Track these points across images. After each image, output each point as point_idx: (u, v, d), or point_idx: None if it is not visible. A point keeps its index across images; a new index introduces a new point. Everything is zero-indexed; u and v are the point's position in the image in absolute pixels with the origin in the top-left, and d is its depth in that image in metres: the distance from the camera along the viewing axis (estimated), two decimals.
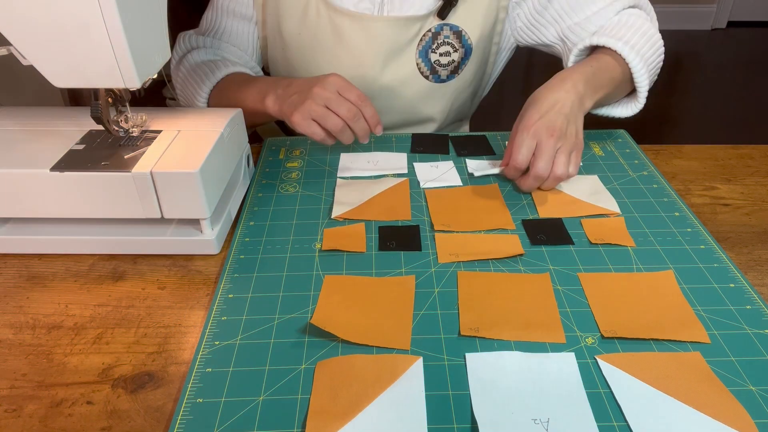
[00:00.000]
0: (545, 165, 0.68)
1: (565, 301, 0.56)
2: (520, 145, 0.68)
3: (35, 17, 0.53)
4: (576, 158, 0.70)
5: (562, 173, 0.69)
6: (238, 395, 0.48)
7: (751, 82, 3.01)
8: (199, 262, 0.64)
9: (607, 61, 0.77)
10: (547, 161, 0.68)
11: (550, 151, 0.68)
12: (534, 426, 0.44)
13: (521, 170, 0.70)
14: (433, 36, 0.86)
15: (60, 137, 0.66)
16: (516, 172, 0.71)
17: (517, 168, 0.69)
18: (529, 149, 0.68)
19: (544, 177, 0.69)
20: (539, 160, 0.68)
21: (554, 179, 0.70)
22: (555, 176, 0.69)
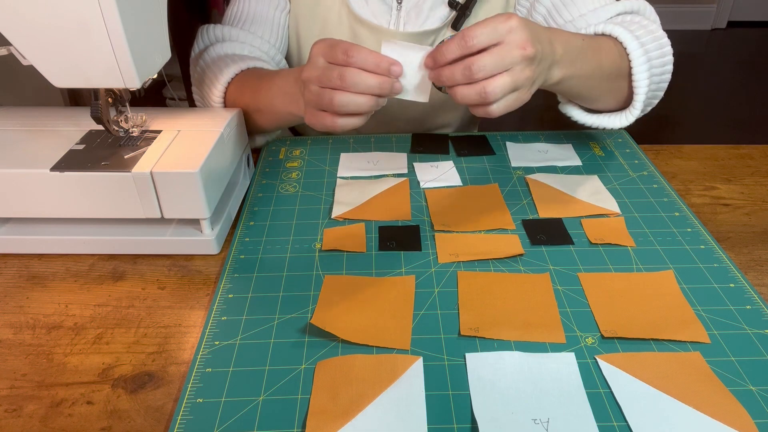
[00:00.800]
0: (492, 63, 0.54)
1: (565, 301, 0.56)
2: (483, 26, 0.55)
3: (35, 17, 0.53)
4: (513, 99, 0.57)
5: (493, 91, 0.55)
6: (238, 395, 0.48)
7: (751, 82, 3.01)
8: (199, 262, 0.64)
9: (606, 44, 0.69)
10: (495, 63, 0.54)
11: (506, 59, 0.55)
12: (534, 426, 0.44)
13: (452, 54, 0.56)
14: None
15: (60, 137, 0.66)
16: (448, 53, 0.56)
17: (452, 49, 0.55)
18: (488, 37, 0.55)
19: (474, 76, 0.55)
20: (488, 55, 0.55)
21: (480, 91, 0.55)
22: (484, 88, 0.55)
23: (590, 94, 0.72)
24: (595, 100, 0.74)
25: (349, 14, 0.84)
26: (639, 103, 0.72)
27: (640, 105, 0.72)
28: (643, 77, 0.71)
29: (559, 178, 0.75)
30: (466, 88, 0.56)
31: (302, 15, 0.87)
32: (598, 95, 0.72)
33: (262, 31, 0.86)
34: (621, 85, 0.72)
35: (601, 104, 0.75)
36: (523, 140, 0.84)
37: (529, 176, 0.76)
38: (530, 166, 0.78)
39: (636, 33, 0.70)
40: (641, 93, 0.71)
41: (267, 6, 0.87)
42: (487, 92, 0.55)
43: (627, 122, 0.75)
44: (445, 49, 0.56)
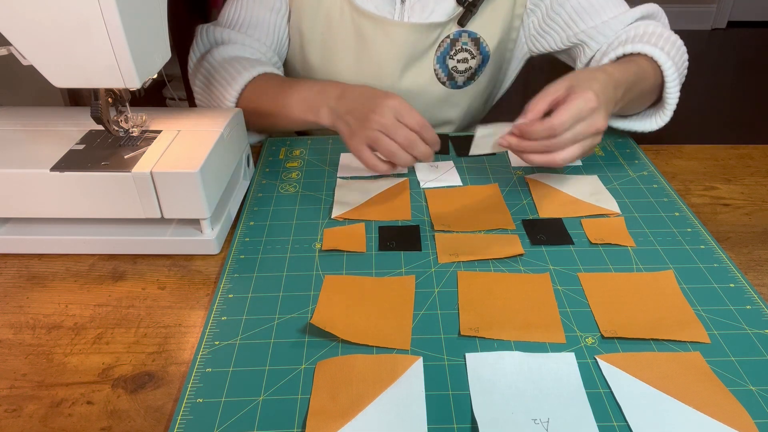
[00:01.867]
0: (568, 142, 0.63)
1: (565, 301, 0.56)
2: (569, 112, 0.62)
3: (35, 17, 0.52)
4: (576, 158, 0.65)
5: (562, 161, 0.64)
6: (238, 395, 0.48)
7: (751, 82, 3.01)
8: (199, 262, 0.64)
9: (645, 69, 0.74)
10: (571, 140, 0.63)
11: (580, 135, 0.63)
12: (534, 426, 0.44)
13: (547, 134, 0.63)
14: (452, 42, 0.87)
15: (60, 137, 0.66)
16: (542, 132, 0.63)
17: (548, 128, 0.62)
18: (573, 122, 0.62)
19: (550, 150, 0.63)
20: (568, 133, 0.62)
21: (550, 160, 0.64)
22: (554, 159, 0.64)
23: (631, 110, 0.78)
24: (629, 110, 0.79)
25: (351, 8, 0.84)
26: (670, 110, 0.78)
27: (671, 112, 0.78)
28: (674, 90, 0.76)
29: (559, 178, 0.75)
30: (538, 156, 0.64)
31: (305, 14, 0.87)
32: (635, 108, 0.79)
33: (259, 34, 0.87)
34: (654, 95, 0.78)
35: (633, 111, 0.80)
36: None
37: (529, 176, 0.76)
38: (530, 166, 0.78)
39: (665, 49, 0.75)
40: (672, 103, 0.77)
41: (264, 9, 0.87)
42: (556, 161, 0.64)
43: (663, 123, 0.79)
44: (533, 131, 0.63)
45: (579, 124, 0.62)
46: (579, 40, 0.85)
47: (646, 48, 0.75)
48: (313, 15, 0.86)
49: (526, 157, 0.65)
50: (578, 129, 0.62)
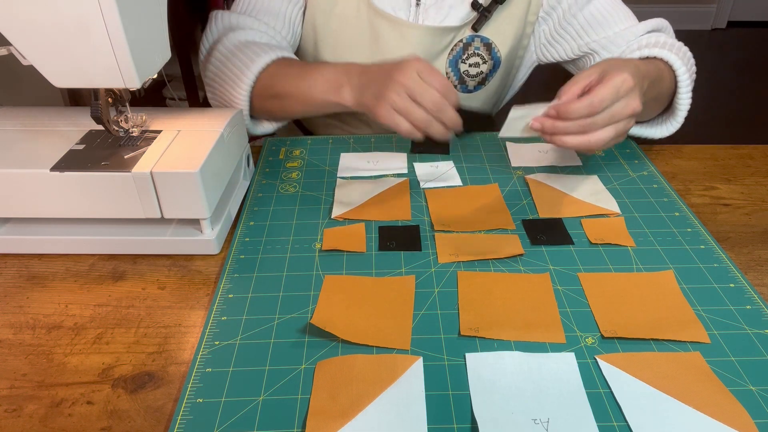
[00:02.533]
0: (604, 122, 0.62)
1: (565, 301, 0.56)
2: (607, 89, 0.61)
3: (35, 17, 0.52)
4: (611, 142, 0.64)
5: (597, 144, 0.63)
6: (238, 395, 0.48)
7: (751, 82, 3.01)
8: (199, 262, 0.64)
9: (662, 70, 0.75)
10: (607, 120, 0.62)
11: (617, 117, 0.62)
12: (534, 426, 0.44)
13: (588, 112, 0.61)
14: (464, 47, 0.87)
15: (60, 137, 0.66)
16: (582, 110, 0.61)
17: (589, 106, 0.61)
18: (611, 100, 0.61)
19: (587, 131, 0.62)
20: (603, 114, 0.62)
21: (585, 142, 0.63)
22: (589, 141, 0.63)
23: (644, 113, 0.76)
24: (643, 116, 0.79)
25: (368, 8, 0.84)
26: (682, 117, 0.79)
27: (682, 119, 0.79)
28: (686, 96, 0.77)
29: (559, 178, 0.75)
30: (573, 138, 0.63)
31: (320, 9, 0.87)
32: (647, 113, 0.78)
33: (275, 23, 0.86)
34: (665, 102, 0.79)
35: (645, 117, 0.80)
36: (523, 140, 0.84)
37: (529, 176, 0.76)
38: (530, 166, 0.78)
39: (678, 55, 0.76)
40: (683, 110, 0.78)
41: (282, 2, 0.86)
42: (591, 143, 0.63)
43: (674, 130, 0.80)
44: (572, 109, 0.61)
45: (616, 103, 0.61)
46: (590, 50, 0.86)
47: (663, 53, 0.76)
48: (328, 11, 0.86)
49: (559, 140, 0.63)
50: (615, 109, 0.61)
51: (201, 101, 2.16)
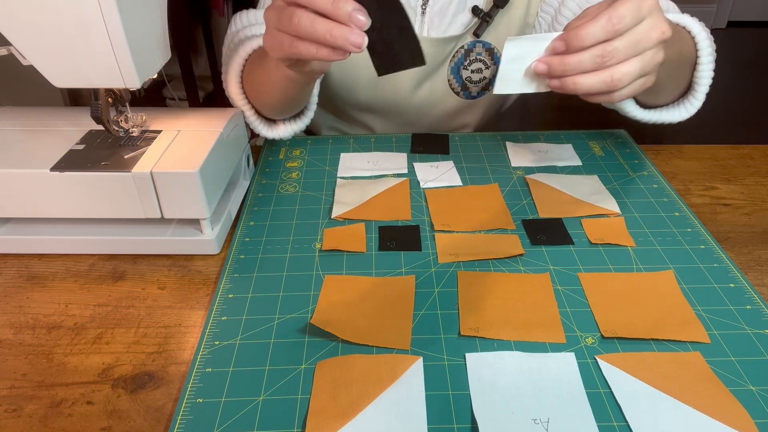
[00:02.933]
0: (626, 49, 0.49)
1: (565, 301, 0.56)
2: (626, 4, 0.49)
3: (35, 17, 0.53)
4: (639, 84, 0.52)
5: (621, 79, 0.50)
6: (238, 395, 0.48)
7: (751, 82, 3.01)
8: (199, 262, 0.64)
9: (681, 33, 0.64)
10: (630, 48, 0.49)
11: (642, 43, 0.50)
12: (534, 426, 0.44)
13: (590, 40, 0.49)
14: (466, 53, 0.86)
15: (60, 137, 0.66)
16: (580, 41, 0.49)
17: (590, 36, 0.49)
18: (633, 19, 0.49)
19: (605, 63, 0.49)
20: (622, 40, 0.49)
21: (607, 79, 0.50)
22: (611, 76, 0.50)
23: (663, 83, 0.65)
24: (662, 90, 0.69)
25: None
26: (701, 94, 0.70)
27: (702, 96, 0.70)
28: (708, 68, 0.68)
29: (559, 178, 0.75)
30: (590, 76, 0.50)
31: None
32: (666, 85, 0.68)
33: None
34: (686, 74, 0.70)
35: (663, 97, 0.72)
36: (523, 140, 0.84)
37: (529, 176, 0.76)
38: (530, 166, 0.78)
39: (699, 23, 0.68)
40: (704, 84, 0.69)
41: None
42: (614, 80, 0.49)
43: (688, 114, 0.72)
44: (584, 33, 0.48)
45: (639, 25, 0.49)
46: None
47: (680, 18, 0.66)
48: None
49: (571, 82, 0.50)
50: (639, 31, 0.49)
51: (201, 101, 2.16)
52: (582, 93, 0.51)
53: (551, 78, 0.51)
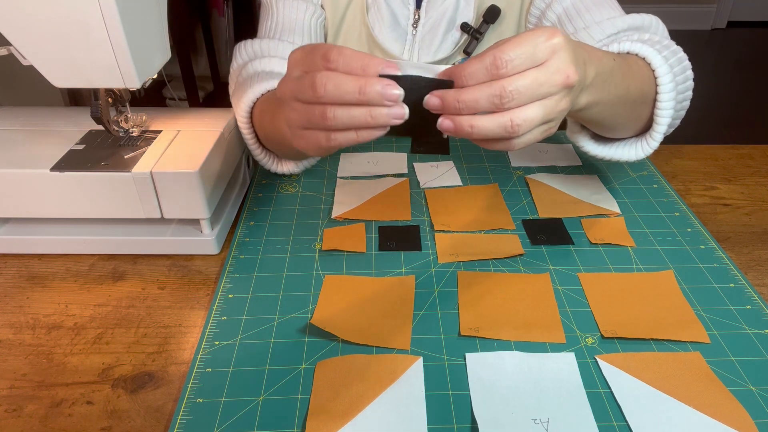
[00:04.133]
0: (528, 91, 0.43)
1: (565, 301, 0.56)
2: (519, 44, 0.43)
3: (35, 17, 0.52)
4: (540, 132, 0.46)
5: (521, 124, 0.43)
6: (238, 395, 0.48)
7: (751, 82, 3.01)
8: (199, 262, 0.64)
9: (634, 66, 0.59)
10: (532, 91, 0.43)
11: (545, 87, 0.43)
12: (534, 426, 0.44)
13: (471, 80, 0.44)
14: None
15: (60, 137, 0.66)
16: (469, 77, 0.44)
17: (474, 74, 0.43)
18: (525, 61, 0.43)
19: (504, 105, 0.43)
20: (523, 79, 0.43)
21: (506, 124, 0.43)
22: (511, 121, 0.43)
23: (612, 122, 0.61)
24: (614, 128, 0.63)
25: (368, 37, 0.83)
26: (659, 135, 0.63)
27: (659, 136, 0.63)
28: (668, 106, 0.61)
29: (559, 178, 0.75)
30: (488, 119, 0.44)
31: (331, 23, 0.84)
32: (618, 123, 0.62)
33: (300, 39, 0.79)
34: (643, 112, 0.63)
35: (619, 133, 0.66)
36: None
37: (529, 176, 0.76)
38: (530, 166, 0.78)
39: (663, 54, 0.61)
40: (663, 124, 0.62)
41: (300, 13, 0.80)
42: (513, 125, 0.43)
43: (644, 154, 0.65)
44: (467, 73, 0.43)
45: (544, 66, 0.43)
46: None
47: (639, 47, 0.60)
48: (333, 33, 0.85)
49: (467, 124, 0.44)
50: (537, 75, 0.43)
51: (201, 101, 2.16)
52: (478, 137, 0.45)
53: (445, 117, 0.44)
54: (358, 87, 0.43)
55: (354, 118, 0.44)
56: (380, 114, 0.44)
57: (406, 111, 0.44)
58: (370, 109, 0.44)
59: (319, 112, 0.44)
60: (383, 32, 0.82)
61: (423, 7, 0.81)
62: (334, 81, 0.43)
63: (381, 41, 0.82)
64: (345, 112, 0.44)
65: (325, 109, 0.44)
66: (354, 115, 0.44)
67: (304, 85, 0.45)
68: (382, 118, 0.44)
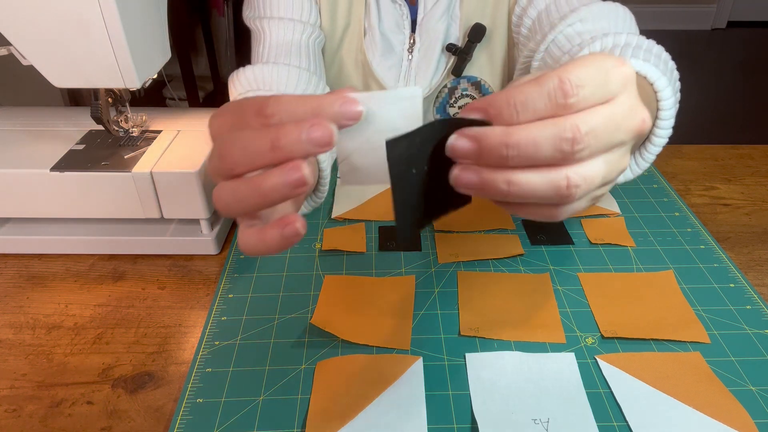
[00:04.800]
0: (605, 137, 0.31)
1: (565, 301, 0.56)
2: (586, 66, 0.31)
3: (35, 17, 0.53)
4: (594, 198, 0.35)
5: (580, 184, 0.31)
6: (238, 395, 0.48)
7: (751, 82, 3.01)
8: (199, 262, 0.64)
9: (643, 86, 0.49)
10: (608, 137, 0.31)
11: (619, 134, 0.32)
12: (534, 426, 0.44)
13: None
14: (450, 91, 0.82)
15: (60, 137, 0.66)
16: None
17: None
18: (597, 93, 0.31)
19: (572, 155, 0.30)
20: (599, 118, 0.30)
21: (561, 184, 0.31)
22: (569, 179, 0.31)
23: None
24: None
25: (364, 62, 0.81)
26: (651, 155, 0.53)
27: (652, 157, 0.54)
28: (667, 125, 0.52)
29: None
30: (534, 175, 0.31)
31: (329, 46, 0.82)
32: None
33: (299, 60, 0.74)
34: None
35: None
36: None
37: None
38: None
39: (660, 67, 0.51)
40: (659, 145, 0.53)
41: (296, 34, 0.76)
42: (570, 186, 0.31)
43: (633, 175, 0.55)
44: (520, 101, 0.30)
45: (611, 106, 0.31)
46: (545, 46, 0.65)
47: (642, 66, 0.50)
48: (330, 57, 0.83)
49: (503, 180, 0.31)
50: (612, 114, 0.31)
51: (201, 101, 2.16)
52: (513, 200, 0.33)
53: (466, 168, 0.32)
54: (322, 138, 0.30)
55: (294, 149, 0.30)
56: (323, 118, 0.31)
57: (333, 129, 0.30)
58: (303, 128, 0.30)
59: (249, 188, 0.31)
60: (376, 59, 0.81)
61: (417, 31, 0.80)
62: (291, 133, 0.31)
63: (374, 68, 0.80)
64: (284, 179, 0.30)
65: (254, 182, 0.31)
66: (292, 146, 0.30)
67: (232, 150, 0.32)
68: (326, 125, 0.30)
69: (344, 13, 0.80)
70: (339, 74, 0.84)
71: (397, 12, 0.79)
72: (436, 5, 0.78)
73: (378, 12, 0.79)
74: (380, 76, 0.81)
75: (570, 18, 0.64)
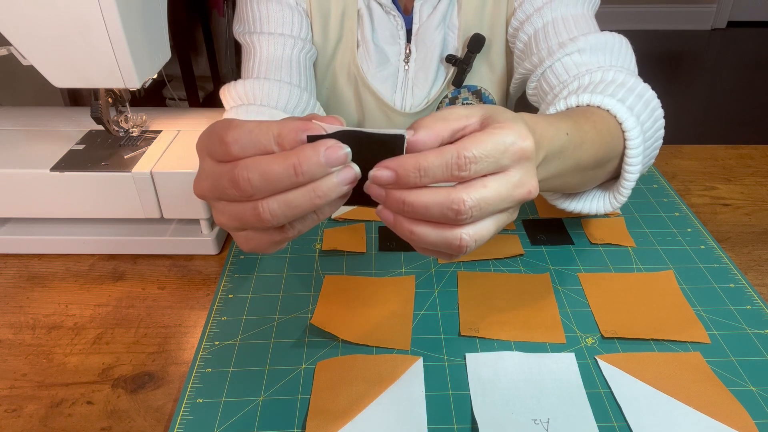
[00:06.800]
0: (492, 204, 0.35)
1: (565, 301, 0.56)
2: (484, 142, 0.35)
3: (35, 17, 0.53)
4: (481, 245, 0.37)
5: (468, 244, 0.36)
6: (238, 395, 0.48)
7: (751, 82, 3.02)
8: (199, 262, 0.64)
9: (601, 120, 0.53)
10: (496, 203, 0.36)
11: (506, 201, 0.36)
12: (534, 426, 0.44)
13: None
14: (451, 101, 0.81)
15: (60, 137, 0.66)
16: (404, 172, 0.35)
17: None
18: (491, 165, 0.35)
19: (457, 218, 0.35)
20: (488, 190, 0.35)
21: (453, 240, 0.36)
22: (461, 238, 0.36)
23: (561, 188, 0.58)
24: (572, 189, 0.59)
25: (358, 75, 0.80)
26: (626, 190, 0.57)
27: (627, 192, 0.57)
28: (636, 161, 0.55)
29: None
30: (432, 231, 0.36)
31: (320, 61, 0.81)
32: (568, 188, 0.57)
33: (289, 76, 0.73)
34: (598, 174, 0.56)
35: (580, 190, 0.61)
36: None
37: None
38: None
39: (627, 103, 0.55)
40: (631, 180, 0.56)
41: (287, 49, 0.74)
42: (462, 245, 0.36)
43: (612, 208, 0.59)
44: (422, 167, 0.34)
45: (500, 180, 0.36)
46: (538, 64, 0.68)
47: (600, 100, 0.54)
48: (323, 70, 0.82)
49: (407, 229, 0.36)
50: (499, 189, 0.36)
51: (201, 101, 2.16)
52: (416, 245, 0.38)
53: (384, 210, 0.37)
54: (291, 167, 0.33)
55: (297, 208, 0.35)
56: (328, 187, 0.34)
57: (356, 170, 0.35)
58: (314, 186, 0.34)
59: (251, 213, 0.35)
60: (371, 72, 0.79)
61: (413, 41, 0.78)
62: (259, 170, 0.34)
63: (369, 80, 0.79)
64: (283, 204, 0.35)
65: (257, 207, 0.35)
66: (296, 204, 0.35)
67: (222, 185, 0.35)
68: (332, 192, 0.35)
69: (336, 27, 0.78)
70: (333, 87, 0.83)
71: (391, 23, 0.78)
72: (431, 15, 0.77)
73: (371, 24, 0.78)
74: (375, 87, 0.80)
75: (568, 47, 0.66)
